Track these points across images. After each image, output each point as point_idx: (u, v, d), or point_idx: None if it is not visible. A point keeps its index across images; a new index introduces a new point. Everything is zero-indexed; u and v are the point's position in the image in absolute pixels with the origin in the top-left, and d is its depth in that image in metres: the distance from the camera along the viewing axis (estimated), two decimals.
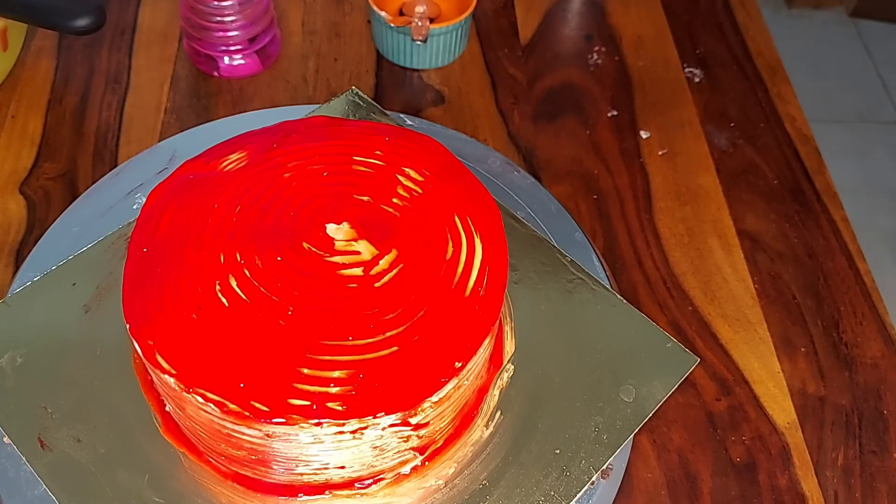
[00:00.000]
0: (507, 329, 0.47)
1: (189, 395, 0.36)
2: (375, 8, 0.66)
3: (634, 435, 0.43)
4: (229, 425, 0.37)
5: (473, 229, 0.42)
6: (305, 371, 0.36)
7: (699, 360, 0.45)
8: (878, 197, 1.52)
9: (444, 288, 0.39)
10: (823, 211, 0.62)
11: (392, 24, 0.66)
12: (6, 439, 0.42)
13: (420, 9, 0.68)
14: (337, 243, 0.41)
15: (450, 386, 0.37)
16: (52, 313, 0.46)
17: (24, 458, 0.41)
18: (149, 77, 0.68)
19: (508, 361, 0.46)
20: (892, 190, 1.53)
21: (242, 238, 0.40)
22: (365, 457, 0.39)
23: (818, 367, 0.54)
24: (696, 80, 0.70)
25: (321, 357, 0.37)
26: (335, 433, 0.36)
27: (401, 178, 0.43)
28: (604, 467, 0.42)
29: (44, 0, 0.57)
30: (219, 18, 0.64)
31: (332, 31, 0.72)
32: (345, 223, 0.41)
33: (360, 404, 0.36)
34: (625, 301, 0.48)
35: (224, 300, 0.38)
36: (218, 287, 0.39)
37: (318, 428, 0.36)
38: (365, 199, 0.42)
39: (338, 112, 0.55)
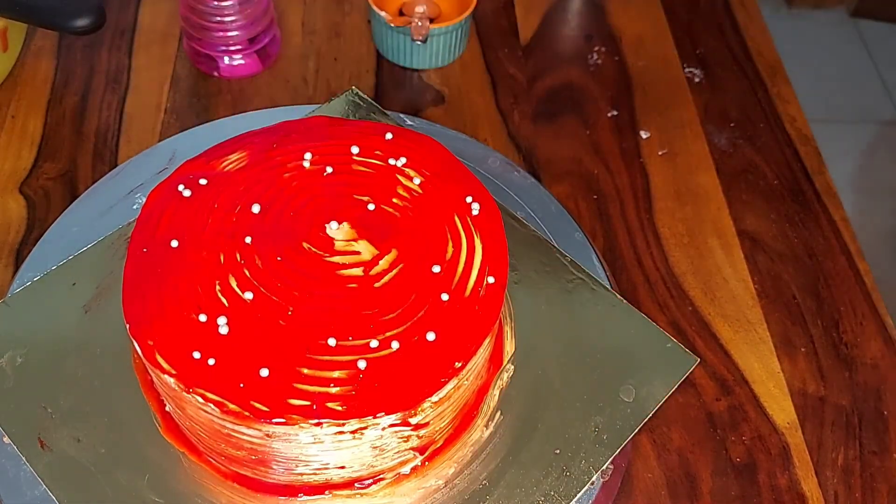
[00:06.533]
0: (507, 329, 0.47)
1: (189, 395, 0.36)
2: (375, 8, 0.66)
3: (634, 435, 0.43)
4: (229, 425, 0.37)
5: (473, 229, 0.42)
6: (305, 371, 0.36)
7: (699, 360, 0.45)
8: (878, 197, 1.51)
9: (444, 288, 0.39)
10: (823, 211, 0.62)
11: (392, 24, 0.66)
12: (6, 439, 0.42)
13: (420, 9, 0.68)
14: (337, 243, 0.41)
15: (450, 386, 0.37)
16: (52, 313, 0.46)
17: (24, 458, 0.41)
18: (149, 77, 0.68)
19: (508, 361, 0.46)
20: (892, 190, 1.53)
21: (242, 238, 0.40)
22: (365, 457, 0.39)
23: (818, 367, 0.54)
24: (696, 79, 0.70)
25: (321, 357, 0.37)
26: (335, 433, 0.36)
27: (401, 178, 0.43)
28: (604, 467, 0.42)
29: (44, 0, 0.57)
30: (219, 18, 0.64)
31: (332, 31, 0.72)
32: (345, 223, 0.41)
33: (360, 404, 0.36)
34: (625, 301, 0.48)
35: (224, 300, 0.38)
36: (218, 287, 0.39)
37: (318, 428, 0.36)
38: (365, 199, 0.42)
39: (338, 112, 0.55)
